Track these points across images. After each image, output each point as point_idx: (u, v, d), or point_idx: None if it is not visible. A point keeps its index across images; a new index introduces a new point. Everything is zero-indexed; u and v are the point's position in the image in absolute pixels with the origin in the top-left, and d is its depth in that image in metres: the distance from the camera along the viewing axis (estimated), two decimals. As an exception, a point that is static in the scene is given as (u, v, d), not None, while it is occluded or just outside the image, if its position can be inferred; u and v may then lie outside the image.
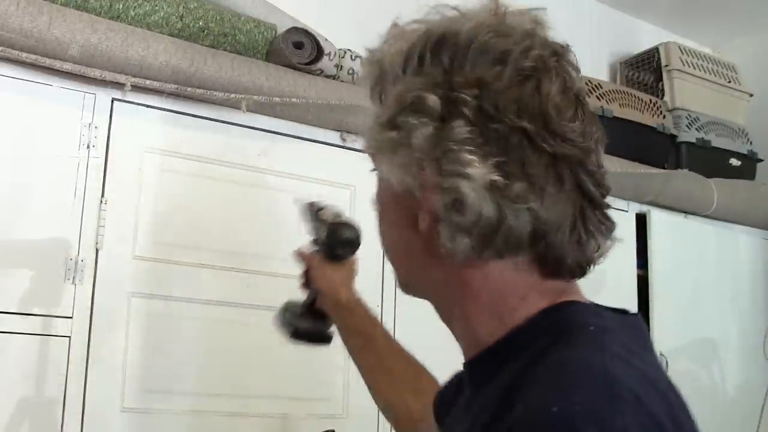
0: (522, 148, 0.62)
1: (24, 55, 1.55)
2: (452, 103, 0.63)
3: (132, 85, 1.66)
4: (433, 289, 0.73)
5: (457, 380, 0.86)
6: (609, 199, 0.69)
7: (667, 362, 2.46)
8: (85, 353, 1.59)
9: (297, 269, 1.87)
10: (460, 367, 0.75)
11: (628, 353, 0.61)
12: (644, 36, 3.15)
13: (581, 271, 0.67)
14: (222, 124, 1.83)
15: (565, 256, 0.65)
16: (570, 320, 0.64)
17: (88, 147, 1.65)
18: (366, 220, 2.12)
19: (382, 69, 0.70)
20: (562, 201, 0.63)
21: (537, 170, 0.62)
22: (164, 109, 1.76)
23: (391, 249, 0.74)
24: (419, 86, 0.65)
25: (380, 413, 1.98)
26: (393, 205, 0.70)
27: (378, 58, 0.71)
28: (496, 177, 0.61)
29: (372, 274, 1.99)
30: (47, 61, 1.58)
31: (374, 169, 0.72)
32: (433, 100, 0.63)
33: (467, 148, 0.61)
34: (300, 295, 1.28)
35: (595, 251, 0.67)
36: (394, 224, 0.71)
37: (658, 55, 2.93)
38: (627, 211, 2.53)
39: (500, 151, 0.62)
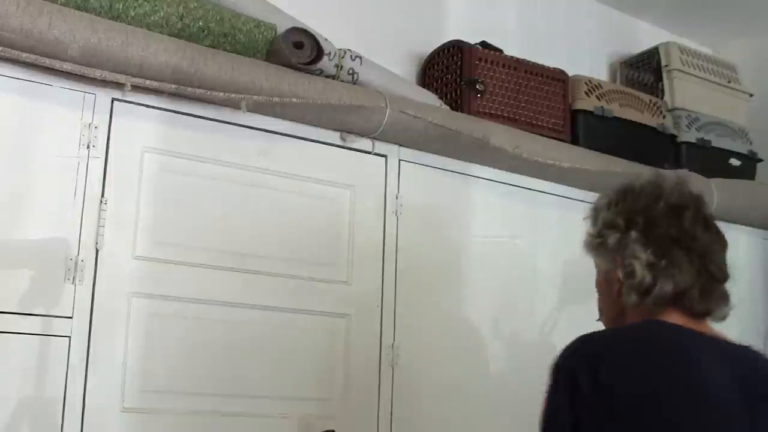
0: (667, 243, 1.09)
1: (24, 55, 1.55)
2: (629, 221, 1.13)
3: (132, 85, 1.66)
4: (617, 317, 1.17)
5: None
6: None
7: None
8: (85, 353, 1.59)
9: (296, 269, 1.87)
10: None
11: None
12: (644, 36, 3.15)
13: (706, 314, 1.11)
14: (222, 124, 1.83)
15: (694, 306, 1.08)
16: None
17: (88, 147, 1.65)
18: (366, 220, 2.14)
19: (596, 209, 1.21)
20: (696, 275, 1.08)
21: (676, 256, 1.08)
22: (164, 109, 1.76)
23: (603, 304, 1.21)
24: (612, 215, 1.16)
25: (379, 412, 2.00)
26: (603, 281, 1.18)
27: (595, 206, 1.21)
28: (653, 259, 1.09)
29: (373, 277, 2.00)
30: (47, 61, 1.58)
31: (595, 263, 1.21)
32: (618, 221, 1.14)
33: (637, 245, 1.10)
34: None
35: (716, 309, 1.12)
36: (604, 293, 1.19)
37: (658, 55, 2.93)
38: (627, 211, 2.53)
39: (656, 245, 1.09)
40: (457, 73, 2.35)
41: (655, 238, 1.09)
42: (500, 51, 2.45)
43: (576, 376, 1.01)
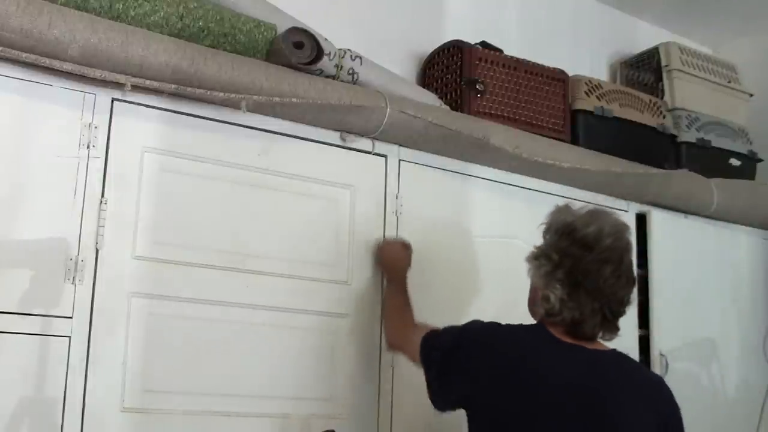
0: (581, 290, 1.39)
1: (24, 55, 1.55)
2: (561, 260, 1.41)
3: (132, 85, 1.66)
4: (534, 314, 1.52)
5: None
6: (609, 200, 1.96)
7: (667, 362, 2.47)
8: (85, 353, 1.59)
9: (296, 269, 1.88)
10: None
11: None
12: (644, 36, 3.15)
13: (591, 338, 1.43)
14: (222, 124, 1.83)
15: (584, 332, 1.41)
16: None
17: (88, 147, 1.65)
18: (366, 220, 2.13)
19: (547, 226, 1.50)
20: (593, 315, 1.39)
21: (584, 300, 1.39)
22: (164, 109, 1.76)
23: (529, 300, 1.53)
24: (552, 243, 1.45)
25: (379, 412, 1.99)
26: (531, 287, 1.51)
27: (548, 222, 1.50)
28: (565, 297, 1.40)
29: (373, 277, 2.00)
30: (47, 61, 1.58)
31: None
32: (554, 255, 1.43)
33: (558, 283, 1.40)
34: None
35: (604, 338, 1.45)
36: (530, 293, 1.51)
37: (658, 55, 2.93)
38: (627, 211, 2.53)
39: (571, 287, 1.40)
40: (457, 73, 2.35)
41: (573, 284, 1.39)
42: (500, 51, 2.45)
43: (461, 342, 1.48)
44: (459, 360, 1.47)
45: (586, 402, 1.34)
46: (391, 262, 1.95)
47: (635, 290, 1.45)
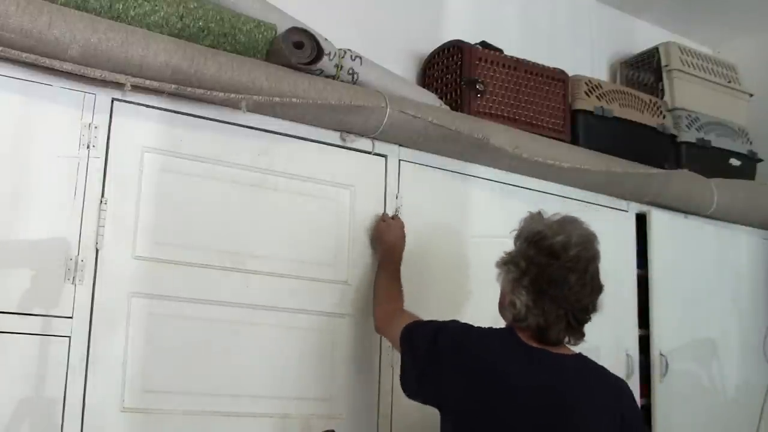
0: (546, 298, 1.43)
1: (24, 55, 1.55)
2: (528, 267, 1.45)
3: (132, 85, 1.66)
4: (503, 317, 1.56)
5: None
6: (609, 200, 2.11)
7: (667, 362, 2.47)
8: (85, 353, 1.59)
9: (296, 269, 1.88)
10: None
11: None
12: (644, 36, 3.15)
13: (557, 343, 1.48)
14: (222, 124, 1.83)
15: (549, 337, 1.46)
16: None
17: (88, 147, 1.65)
18: (366, 220, 2.13)
19: (518, 234, 1.53)
20: (557, 321, 1.44)
21: (549, 307, 1.43)
22: (164, 109, 1.76)
23: (499, 302, 1.57)
24: (521, 251, 1.49)
25: (379, 412, 1.99)
26: (501, 295, 1.55)
27: (519, 230, 1.53)
28: (530, 303, 1.44)
29: (373, 277, 2.00)
30: (47, 61, 1.58)
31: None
32: (521, 263, 1.46)
33: (524, 290, 1.45)
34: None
35: (570, 343, 1.50)
36: (500, 303, 1.56)
37: (658, 55, 2.93)
38: (627, 211, 2.53)
39: (536, 294, 1.44)
40: (457, 73, 2.35)
41: (538, 291, 1.44)
42: (500, 51, 2.45)
43: (437, 338, 1.52)
44: (434, 355, 1.51)
45: (549, 403, 1.41)
46: (392, 244, 1.96)
47: (601, 297, 1.48)
